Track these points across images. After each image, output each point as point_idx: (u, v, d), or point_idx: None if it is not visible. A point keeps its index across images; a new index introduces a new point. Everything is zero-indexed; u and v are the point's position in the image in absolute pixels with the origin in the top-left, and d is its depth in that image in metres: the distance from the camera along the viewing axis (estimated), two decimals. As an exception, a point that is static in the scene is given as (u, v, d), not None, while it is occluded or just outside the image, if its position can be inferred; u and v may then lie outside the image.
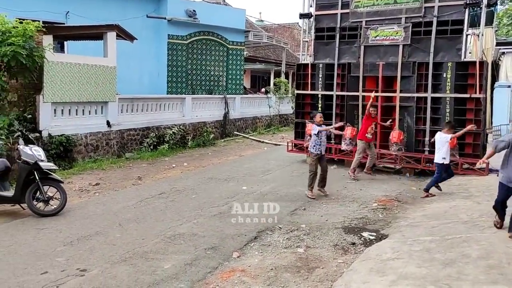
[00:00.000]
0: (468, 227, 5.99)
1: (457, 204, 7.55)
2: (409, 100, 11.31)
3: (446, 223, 6.37)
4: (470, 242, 5.30)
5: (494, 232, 5.60)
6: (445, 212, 7.08)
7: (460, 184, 9.28)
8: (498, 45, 20.08)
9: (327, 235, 6.41)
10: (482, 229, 5.84)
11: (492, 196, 7.71)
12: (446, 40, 10.91)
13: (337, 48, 12.33)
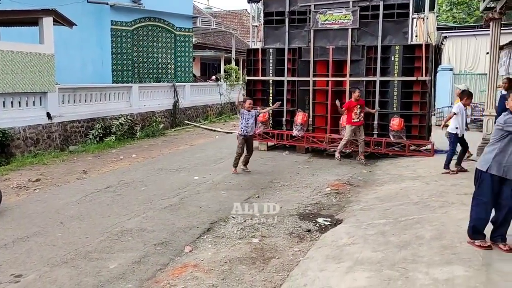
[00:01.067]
0: (419, 208, 6.03)
1: (407, 185, 7.62)
2: (359, 84, 11.32)
3: (398, 205, 6.39)
4: (422, 223, 5.31)
5: (445, 212, 5.65)
6: (396, 194, 7.12)
7: (408, 166, 9.43)
8: (439, 29, 20.75)
9: (282, 223, 6.26)
10: (433, 209, 5.88)
11: (439, 176, 7.90)
12: (393, 24, 10.98)
13: (287, 33, 12.16)
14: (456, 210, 5.68)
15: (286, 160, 10.90)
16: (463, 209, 5.69)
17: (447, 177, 7.88)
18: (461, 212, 5.51)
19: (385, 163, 10.38)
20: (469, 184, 6.87)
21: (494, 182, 4.17)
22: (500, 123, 4.20)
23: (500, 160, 4.13)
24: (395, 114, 10.80)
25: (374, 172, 9.51)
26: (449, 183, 7.30)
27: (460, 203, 6.01)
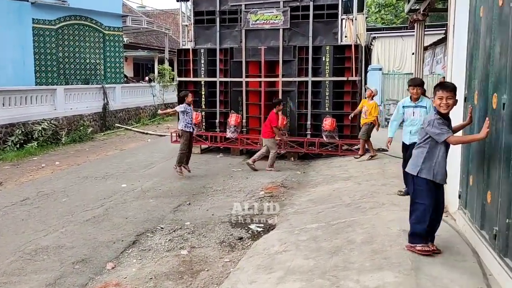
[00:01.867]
0: (351, 210, 5.98)
1: (340, 186, 7.62)
2: (291, 84, 11.30)
3: (331, 207, 6.32)
4: (354, 226, 5.24)
5: (376, 213, 5.63)
6: (329, 195, 7.07)
7: (341, 166, 9.49)
8: (369, 30, 21.39)
9: (213, 231, 5.98)
10: (364, 211, 5.85)
11: (371, 176, 7.97)
12: (323, 25, 11.04)
13: (218, 33, 11.88)
14: (386, 211, 5.68)
15: (220, 163, 10.63)
16: (393, 209, 5.72)
17: (378, 176, 7.98)
18: (391, 213, 5.52)
19: (318, 163, 10.40)
20: (399, 184, 7.01)
21: (429, 185, 4.10)
22: (424, 123, 4.16)
23: (429, 163, 4.04)
24: (328, 114, 10.87)
25: (307, 173, 9.48)
26: (380, 183, 7.37)
27: (390, 203, 6.03)
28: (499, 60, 3.69)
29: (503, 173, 3.47)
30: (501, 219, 3.48)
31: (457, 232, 4.71)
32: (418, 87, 6.32)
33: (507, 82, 3.44)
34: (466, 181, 4.66)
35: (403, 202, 5.93)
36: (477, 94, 4.34)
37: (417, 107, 6.42)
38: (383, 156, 9.93)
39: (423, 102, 6.43)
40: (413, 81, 6.55)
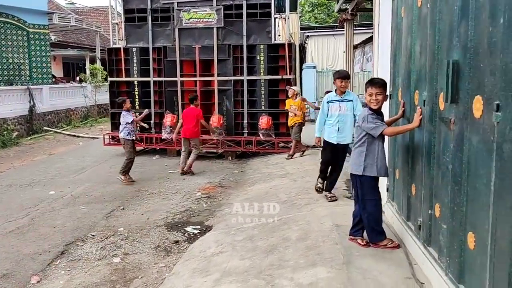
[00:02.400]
0: (287, 207, 6.03)
1: (276, 183, 7.68)
2: (227, 83, 11.26)
3: (268, 206, 6.34)
4: (289, 223, 5.29)
5: (310, 210, 5.71)
6: (266, 193, 7.10)
7: (278, 163, 9.58)
8: (303, 29, 21.81)
9: (148, 236, 5.81)
10: (299, 207, 5.92)
11: (306, 172, 8.10)
12: (257, 23, 11.08)
13: (150, 31, 11.57)
14: (320, 207, 5.78)
15: (156, 165, 10.37)
16: (326, 205, 5.84)
17: (313, 173, 8.08)
18: (325, 209, 5.62)
19: (256, 161, 10.44)
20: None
21: (375, 181, 4.18)
22: (359, 121, 4.23)
23: (371, 160, 4.09)
24: (264, 113, 10.94)
25: (245, 171, 9.48)
26: (315, 179, 7.41)
27: (324, 199, 6.14)
28: (419, 58, 3.85)
29: (425, 167, 3.62)
30: (424, 210, 3.63)
31: (386, 224, 4.87)
32: (346, 80, 5.83)
33: (426, 80, 3.59)
34: (393, 175, 4.83)
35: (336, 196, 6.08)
36: (400, 91, 4.51)
37: (343, 101, 5.90)
38: (318, 152, 10.13)
39: (349, 95, 5.99)
40: (340, 73, 5.95)
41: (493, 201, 2.36)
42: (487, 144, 2.43)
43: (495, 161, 2.33)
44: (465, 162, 2.75)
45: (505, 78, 2.22)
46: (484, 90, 2.48)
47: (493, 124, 2.34)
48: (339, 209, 5.48)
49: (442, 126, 3.17)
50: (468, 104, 2.70)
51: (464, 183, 2.77)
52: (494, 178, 2.35)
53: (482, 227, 2.50)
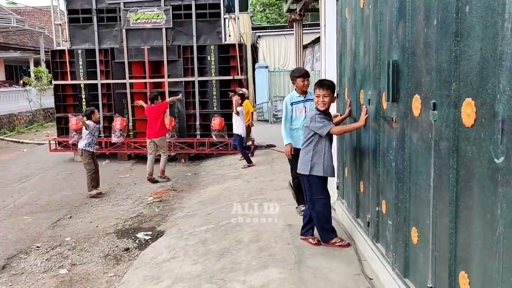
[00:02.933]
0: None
1: (230, 185, 7.65)
2: (178, 85, 11.11)
3: (221, 208, 6.30)
4: (242, 225, 5.27)
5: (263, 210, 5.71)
6: (219, 196, 7.06)
7: (231, 164, 9.55)
8: (255, 29, 21.90)
9: (97, 244, 5.61)
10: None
11: (259, 172, 8.12)
12: (206, 24, 10.99)
13: (96, 32, 11.22)
14: (273, 206, 5.78)
15: (106, 170, 10.06)
16: (280, 205, 5.84)
17: (266, 173, 8.15)
18: (278, 208, 5.63)
19: (209, 163, 10.37)
20: (286, 178, 7.23)
21: (323, 180, 4.21)
22: (307, 121, 4.26)
23: (318, 160, 4.13)
24: (216, 114, 10.88)
25: (198, 174, 9.40)
26: (268, 179, 7.53)
27: (277, 198, 6.17)
28: (363, 58, 3.94)
29: (371, 165, 3.70)
30: (372, 207, 3.71)
31: (337, 222, 4.95)
32: (307, 78, 5.17)
33: (370, 79, 3.67)
34: (342, 173, 4.92)
35: (289, 197, 6.13)
36: (347, 90, 4.60)
37: (307, 101, 5.19)
38: (271, 152, 10.21)
39: (311, 94, 5.15)
40: (300, 71, 5.33)
41: (433, 196, 2.44)
42: (426, 142, 2.50)
43: (433, 157, 2.41)
44: (407, 159, 2.82)
45: (440, 77, 2.29)
46: (422, 90, 2.55)
47: (430, 122, 2.42)
48: (291, 209, 5.52)
49: (386, 125, 3.25)
50: (407, 103, 2.77)
51: (407, 180, 2.85)
52: (433, 174, 2.42)
53: (424, 222, 2.58)
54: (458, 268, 2.17)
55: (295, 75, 5.24)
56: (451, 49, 2.14)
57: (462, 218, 2.11)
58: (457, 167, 2.15)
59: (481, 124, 1.90)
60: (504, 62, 1.68)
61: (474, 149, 1.97)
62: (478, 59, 1.91)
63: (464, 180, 2.08)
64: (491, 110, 1.80)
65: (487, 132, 1.84)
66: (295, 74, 5.26)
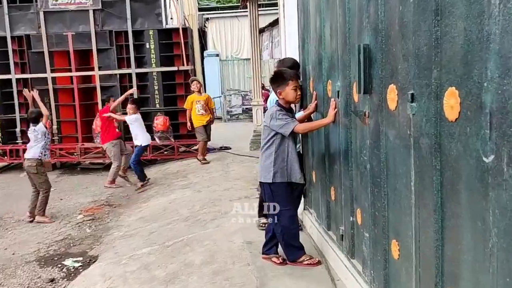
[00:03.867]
0: (190, 225, 5.94)
1: (177, 196, 7.56)
2: (112, 78, 10.92)
3: (167, 224, 6.21)
4: (193, 244, 5.19)
5: (217, 226, 5.67)
6: (165, 210, 6.96)
7: (179, 171, 9.46)
8: (201, 10, 21.78)
9: (15, 276, 5.36)
10: (204, 224, 5.87)
11: (212, 180, 8.07)
12: (143, 4, 10.84)
13: (7, 16, 10.78)
14: (229, 221, 5.76)
15: (24, 184, 9.65)
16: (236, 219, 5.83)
17: (220, 180, 8.11)
18: (235, 224, 5.61)
19: (152, 171, 10.21)
20: (244, 186, 7.21)
21: (287, 188, 4.18)
22: (266, 120, 4.22)
23: (281, 164, 4.10)
24: (159, 112, 10.73)
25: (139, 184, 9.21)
26: (222, 188, 7.50)
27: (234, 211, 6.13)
28: (330, 43, 3.94)
29: (343, 167, 3.71)
30: (345, 217, 3.72)
31: (305, 235, 4.96)
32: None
33: (339, 67, 3.68)
34: (309, 178, 4.93)
35: (247, 208, 6.11)
36: (312, 81, 4.61)
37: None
38: (225, 156, 10.18)
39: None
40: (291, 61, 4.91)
41: (415, 203, 2.45)
42: (404, 139, 2.51)
43: (414, 157, 2.41)
44: (383, 160, 2.83)
45: (418, 64, 2.30)
46: (398, 78, 2.56)
47: (408, 117, 2.42)
48: (251, 223, 5.48)
49: (358, 120, 3.26)
50: (382, 94, 2.78)
51: (384, 184, 2.85)
52: (414, 177, 2.43)
53: (406, 234, 2.59)
54: (446, 285, 2.18)
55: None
56: (431, 30, 2.14)
57: (449, 228, 2.12)
58: (441, 168, 2.15)
59: (466, 118, 1.91)
60: (491, 45, 1.69)
61: (459, 147, 1.98)
62: (461, 41, 1.92)
63: (450, 182, 2.09)
64: (477, 101, 1.81)
65: (473, 126, 1.85)
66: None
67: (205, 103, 9.74)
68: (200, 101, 9.69)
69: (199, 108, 9.65)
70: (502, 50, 1.64)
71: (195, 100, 9.68)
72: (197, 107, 9.66)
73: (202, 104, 9.68)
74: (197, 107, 9.65)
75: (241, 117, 18.28)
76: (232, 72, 20.21)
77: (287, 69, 4.35)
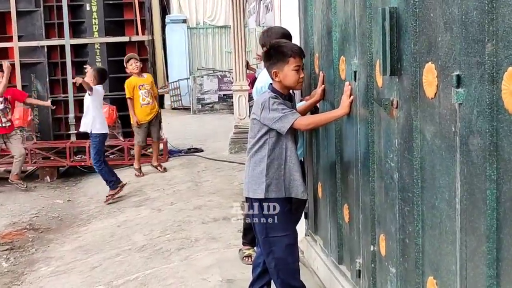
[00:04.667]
0: (147, 257, 6.01)
1: (129, 217, 7.65)
2: (36, 52, 10.95)
3: (115, 256, 6.28)
4: (151, 284, 5.23)
5: (185, 258, 5.72)
6: (112, 236, 7.03)
7: (130, 182, 9.46)
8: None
9: None
10: (167, 256, 5.95)
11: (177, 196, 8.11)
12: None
13: None
14: (201, 251, 5.83)
15: None
16: (211, 247, 5.89)
17: (188, 194, 8.17)
18: (209, 254, 5.67)
19: (93, 182, 10.26)
20: (222, 204, 7.24)
21: (285, 205, 4.14)
22: (255, 111, 4.15)
23: (276, 174, 4.07)
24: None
25: (75, 200, 9.28)
26: (192, 205, 7.56)
27: (208, 237, 6.20)
28: (343, 5, 3.96)
29: (361, 177, 3.73)
30: (364, 246, 3.75)
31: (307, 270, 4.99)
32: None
33: (356, 39, 3.70)
34: (313, 192, 4.96)
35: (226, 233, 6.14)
36: (317, 58, 4.64)
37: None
38: (195, 161, 10.22)
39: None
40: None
41: (461, 226, 2.47)
42: (447, 139, 2.53)
43: (460, 164, 2.43)
44: (417, 167, 2.85)
45: (466, 35, 2.32)
46: (438, 55, 2.58)
47: (453, 107, 2.44)
48: (231, 254, 5.52)
49: (382, 113, 3.28)
50: (416, 76, 2.80)
51: (418, 201, 2.88)
52: (460, 190, 2.45)
53: (448, 269, 2.62)
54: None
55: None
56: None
57: (506, 261, 2.14)
58: (498, 179, 2.17)
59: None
60: None
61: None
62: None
63: (510, 199, 2.11)
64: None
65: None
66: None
67: (151, 88, 9.74)
68: (144, 85, 9.73)
69: (144, 95, 9.69)
70: None
71: (137, 85, 9.72)
72: (141, 94, 9.70)
73: (147, 90, 9.67)
74: (141, 93, 9.67)
75: (217, 107, 18.31)
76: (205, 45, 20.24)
77: (288, 42, 4.35)
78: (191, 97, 17.99)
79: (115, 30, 10.92)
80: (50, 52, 10.87)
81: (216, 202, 7.42)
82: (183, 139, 11.72)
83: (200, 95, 18.35)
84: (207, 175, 9.16)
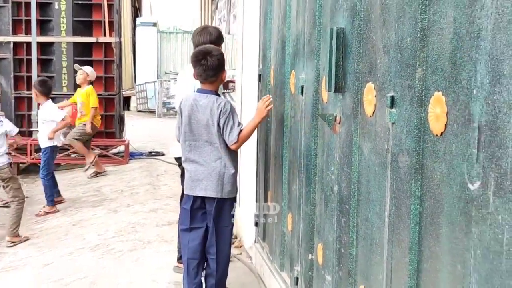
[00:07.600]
0: (99, 257, 6.03)
1: (85, 216, 7.63)
2: (2, 47, 10.81)
3: (67, 254, 6.27)
4: (101, 283, 5.25)
5: (137, 259, 5.76)
6: (66, 235, 7.01)
7: (89, 182, 9.48)
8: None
9: None
10: (119, 256, 5.97)
11: (134, 197, 8.13)
12: None
13: None
14: (153, 253, 5.88)
15: None
16: (163, 249, 5.93)
17: (145, 196, 8.18)
18: (161, 256, 5.73)
19: (52, 179, 10.15)
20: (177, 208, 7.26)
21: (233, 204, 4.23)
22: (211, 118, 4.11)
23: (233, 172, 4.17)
24: (66, 98, 10.68)
25: (33, 197, 9.18)
26: (148, 208, 7.59)
27: (161, 239, 6.24)
28: (296, 20, 4.07)
29: (304, 187, 3.84)
30: (303, 254, 3.85)
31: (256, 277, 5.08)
32: None
33: (305, 55, 3.81)
34: (264, 200, 5.05)
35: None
36: (273, 70, 4.74)
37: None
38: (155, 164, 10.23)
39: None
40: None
41: (388, 238, 2.58)
42: (380, 155, 2.65)
43: (390, 179, 2.55)
44: (355, 181, 2.96)
45: (400, 58, 2.44)
46: (377, 76, 2.70)
47: (387, 126, 2.56)
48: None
49: (326, 127, 3.39)
50: (358, 94, 2.91)
51: (354, 213, 2.98)
52: (389, 204, 2.57)
53: (376, 278, 2.72)
54: None
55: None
56: (416, 18, 2.28)
57: (425, 272, 2.25)
58: (421, 195, 2.29)
59: (453, 132, 2.04)
60: (482, 43, 1.83)
61: (443, 169, 2.11)
62: (451, 34, 2.06)
63: (430, 214, 2.22)
64: (465, 111, 1.94)
65: (460, 143, 1.98)
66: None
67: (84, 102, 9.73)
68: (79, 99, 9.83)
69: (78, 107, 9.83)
70: (493, 50, 1.78)
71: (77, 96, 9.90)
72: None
73: (81, 103, 9.77)
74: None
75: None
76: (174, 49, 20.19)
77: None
78: (157, 101, 17.95)
79: (83, 30, 10.89)
80: (16, 48, 10.79)
81: (172, 206, 7.45)
82: (145, 142, 11.72)
83: (166, 99, 18.33)
84: (166, 179, 9.19)
